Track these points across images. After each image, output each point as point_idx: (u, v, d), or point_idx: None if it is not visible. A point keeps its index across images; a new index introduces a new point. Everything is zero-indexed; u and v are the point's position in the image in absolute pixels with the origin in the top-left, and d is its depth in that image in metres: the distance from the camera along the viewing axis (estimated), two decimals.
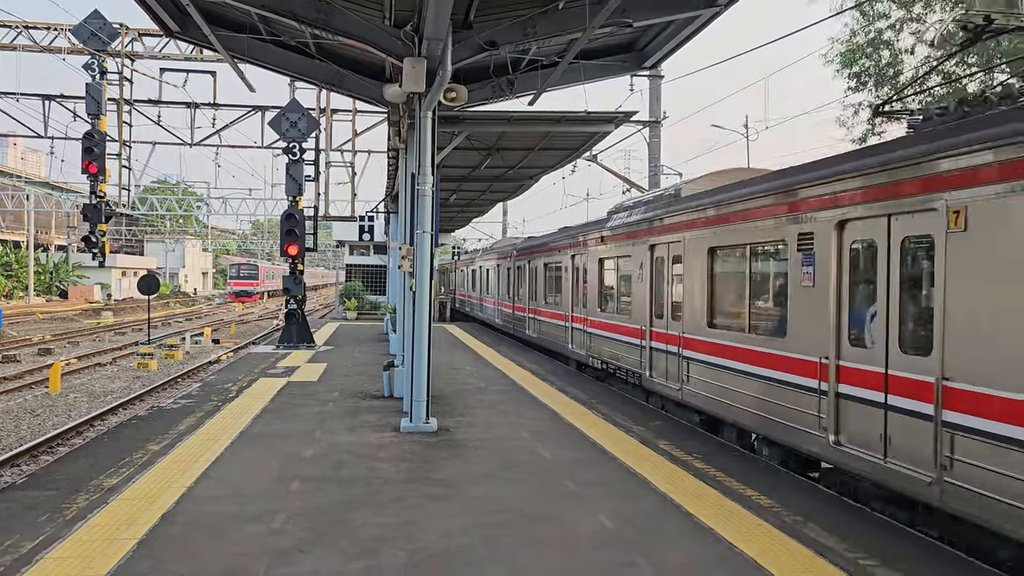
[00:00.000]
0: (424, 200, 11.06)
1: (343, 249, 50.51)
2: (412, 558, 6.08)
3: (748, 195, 10.12)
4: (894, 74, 28.45)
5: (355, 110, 29.41)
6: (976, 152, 6.34)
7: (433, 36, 9.73)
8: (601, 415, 12.30)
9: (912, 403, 7.00)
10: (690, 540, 6.61)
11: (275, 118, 23.64)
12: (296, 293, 23.46)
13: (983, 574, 6.14)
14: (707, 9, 11.07)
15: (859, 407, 7.76)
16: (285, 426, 11.17)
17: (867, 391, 7.65)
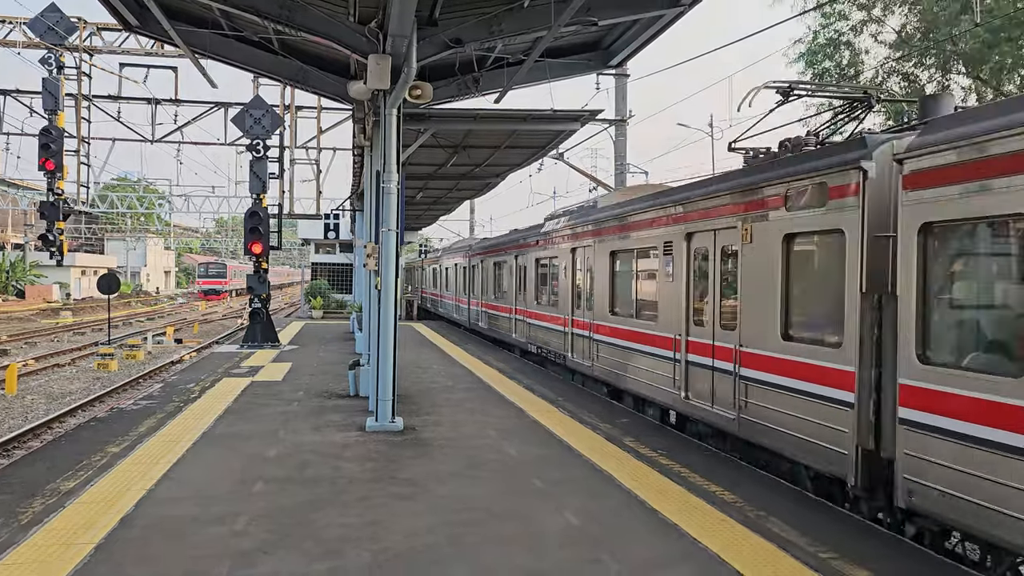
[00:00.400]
0: (389, 198, 11.00)
1: (309, 247, 50.08)
2: (377, 558, 6.04)
3: (635, 210, 12.92)
4: (855, 74, 28.88)
5: (320, 107, 29.19)
6: (758, 188, 9.18)
7: (398, 33, 9.67)
8: (567, 412, 12.33)
9: (725, 364, 9.87)
10: (655, 536, 6.65)
11: (238, 115, 23.34)
12: (260, 292, 23.19)
13: (942, 565, 6.26)
14: (671, 9, 11.14)
15: (698, 370, 10.61)
16: (248, 426, 11.04)
17: (703, 358, 10.49)
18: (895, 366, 6.89)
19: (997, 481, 5.77)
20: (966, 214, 6.19)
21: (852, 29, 28.77)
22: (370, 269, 11.75)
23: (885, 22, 28.51)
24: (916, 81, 28.40)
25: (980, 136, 6.05)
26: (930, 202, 6.50)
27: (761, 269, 9.02)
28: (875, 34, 28.80)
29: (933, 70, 27.99)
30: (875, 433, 7.25)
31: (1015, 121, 5.76)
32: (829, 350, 7.81)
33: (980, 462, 5.92)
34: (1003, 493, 5.71)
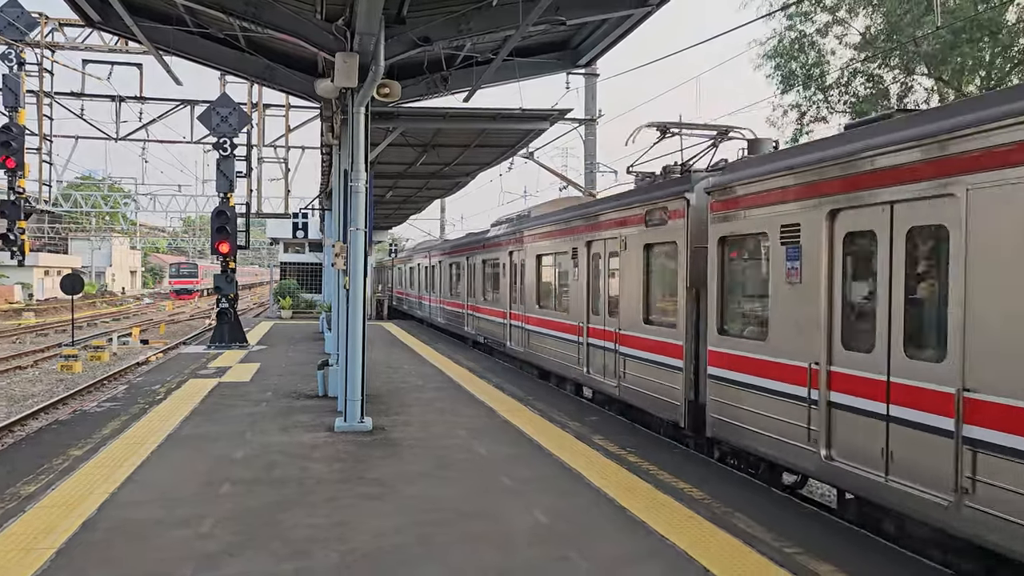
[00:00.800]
0: (357, 197, 10.93)
1: (278, 247, 49.65)
2: (344, 559, 6.01)
3: (552, 222, 15.74)
4: (820, 75, 29.24)
5: (288, 105, 28.94)
6: (629, 208, 11.96)
7: (365, 31, 9.61)
8: (537, 411, 12.35)
9: (609, 344, 12.51)
10: (623, 534, 6.68)
11: (205, 112, 23.07)
12: (228, 292, 22.93)
13: (902, 558, 6.36)
14: (639, 8, 11.18)
15: (596, 351, 13.15)
16: (215, 428, 10.92)
17: (597, 340, 13.09)
18: (705, 338, 9.62)
19: (751, 410, 8.56)
20: (738, 232, 8.97)
21: (818, 31, 29.14)
22: (338, 268, 11.67)
23: (850, 24, 28.91)
24: (880, 82, 28.86)
25: (737, 180, 8.98)
26: (723, 223, 9.23)
27: (632, 270, 11.79)
28: (840, 36, 29.20)
29: (897, 71, 28.45)
30: (695, 387, 10.08)
31: (754, 173, 8.66)
32: (670, 330, 10.62)
33: (744, 399, 8.69)
34: (750, 418, 8.60)
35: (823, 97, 29.63)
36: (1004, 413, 5.55)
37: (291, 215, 34.62)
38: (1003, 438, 5.50)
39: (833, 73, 29.07)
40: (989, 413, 5.62)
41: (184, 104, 29.69)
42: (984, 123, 5.76)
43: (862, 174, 6.96)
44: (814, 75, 29.32)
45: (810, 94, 29.79)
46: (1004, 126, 5.58)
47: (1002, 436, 5.50)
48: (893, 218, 6.65)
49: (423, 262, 32.44)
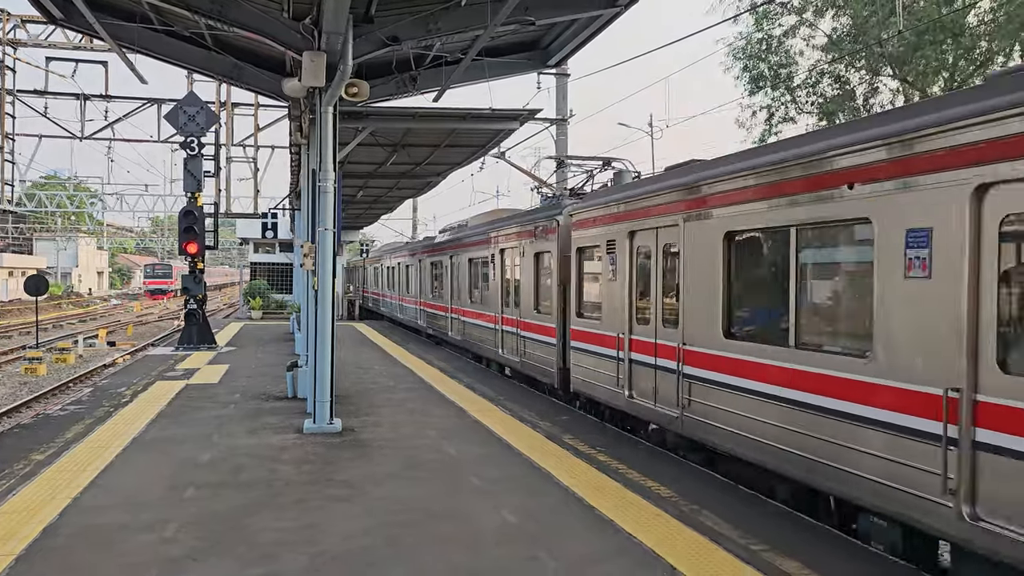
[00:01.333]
0: (326, 197, 10.86)
1: (248, 247, 49.19)
2: (313, 562, 5.97)
3: (478, 231, 19.37)
4: (788, 76, 29.55)
5: (257, 104, 28.70)
6: (525, 224, 15.51)
7: (333, 30, 9.55)
8: (508, 411, 12.36)
9: (513, 329, 16.18)
10: (591, 532, 6.71)
11: (172, 111, 22.79)
12: (196, 292, 22.67)
13: (868, 555, 6.45)
14: (608, 9, 11.22)
15: (507, 335, 16.62)
16: (182, 430, 10.79)
17: (508, 327, 16.60)
18: (568, 320, 13.15)
19: (593, 369, 11.95)
20: (586, 244, 12.35)
21: (785, 33, 29.45)
22: (307, 269, 11.60)
23: (817, 25, 29.25)
24: (847, 83, 29.24)
25: (583, 208, 12.56)
26: (579, 238, 12.67)
27: (527, 272, 15.23)
28: (807, 37, 29.54)
29: (863, 72, 28.84)
30: (563, 357, 13.46)
31: (592, 204, 12.23)
32: (548, 315, 14.08)
33: (588, 361, 12.09)
34: (593, 375, 11.96)
35: (791, 98, 29.98)
36: (526, 325, 15.29)
37: (260, 215, 34.35)
38: (701, 372, 9.01)
39: (801, 74, 29.40)
40: (694, 358, 9.15)
41: (151, 103, 29.34)
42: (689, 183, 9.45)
43: (645, 208, 10.41)
44: (782, 76, 29.64)
45: (778, 95, 30.12)
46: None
47: (700, 371, 9.00)
48: (658, 238, 10.12)
49: (389, 263, 34.75)
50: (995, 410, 5.34)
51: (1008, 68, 6.72)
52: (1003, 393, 5.31)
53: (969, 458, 5.48)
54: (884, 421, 6.25)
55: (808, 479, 7.20)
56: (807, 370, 7.16)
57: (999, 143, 5.32)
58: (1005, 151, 5.28)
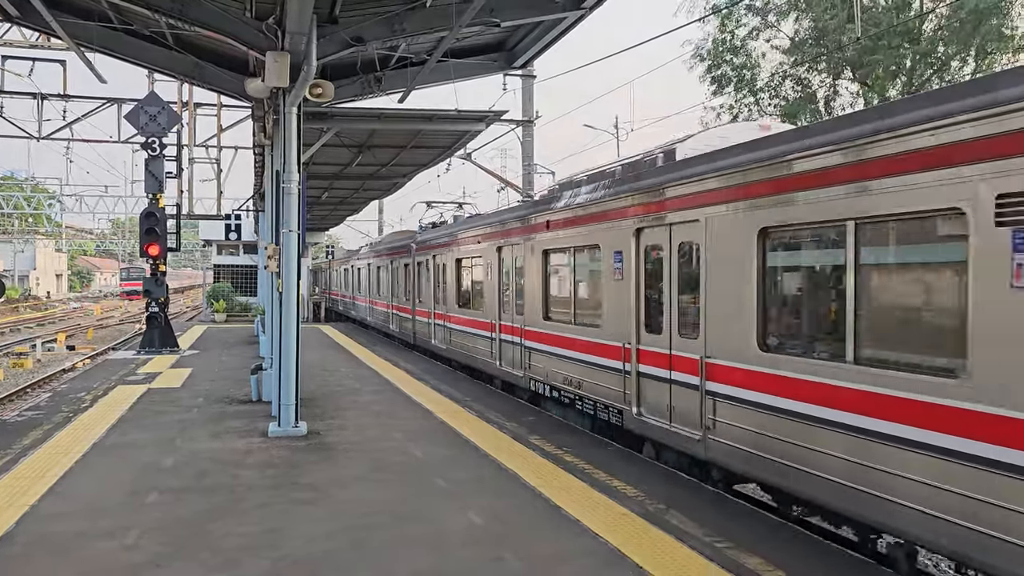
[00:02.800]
0: (290, 198, 10.77)
1: (211, 249, 48.56)
2: (275, 566, 5.91)
3: (394, 241, 25.78)
4: (751, 78, 29.89)
5: (220, 104, 28.29)
6: (460, 234, 18.01)
7: (296, 30, 9.48)
8: (475, 412, 12.35)
9: (440, 322, 19.32)
10: (557, 533, 6.73)
11: (132, 111, 22.40)
12: (158, 295, 22.33)
13: (828, 550, 6.56)
14: (573, 11, 11.27)
15: (439, 328, 19.49)
16: (144, 435, 10.63)
17: (438, 320, 19.56)
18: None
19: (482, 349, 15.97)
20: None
21: (748, 35, 29.80)
22: (271, 271, 11.49)
23: (779, 28, 29.64)
24: (808, 86, 29.67)
25: (418, 242, 20.91)
26: (424, 257, 19.87)
27: (435, 277, 19.20)
28: (770, 39, 29.93)
29: (824, 75, 29.29)
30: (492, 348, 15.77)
31: (425, 238, 20.29)
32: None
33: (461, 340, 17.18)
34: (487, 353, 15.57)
35: (754, 100, 30.34)
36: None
37: (224, 217, 33.91)
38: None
39: (764, 76, 29.78)
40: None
41: (111, 102, 28.73)
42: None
43: (506, 231, 14.23)
44: (745, 78, 29.99)
45: (741, 96, 30.47)
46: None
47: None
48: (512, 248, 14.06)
49: (344, 266, 36.91)
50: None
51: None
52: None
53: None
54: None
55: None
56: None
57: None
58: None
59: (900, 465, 5.75)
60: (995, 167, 5.05)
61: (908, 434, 5.71)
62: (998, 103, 5.06)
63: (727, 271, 7.88)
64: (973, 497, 5.19)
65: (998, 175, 5.03)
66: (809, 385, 6.70)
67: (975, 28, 24.76)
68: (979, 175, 5.16)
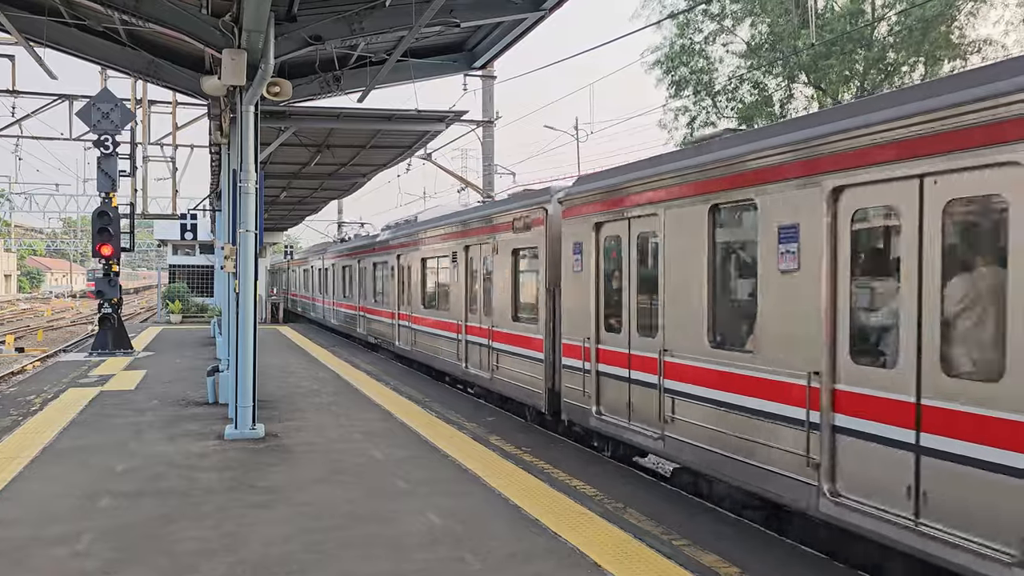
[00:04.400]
0: (247, 198, 10.64)
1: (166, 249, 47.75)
2: (232, 570, 5.84)
3: (355, 240, 26.96)
4: (708, 81, 30.27)
5: (176, 102, 27.84)
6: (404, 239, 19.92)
7: (254, 28, 9.37)
8: (435, 413, 12.32)
9: (388, 320, 20.72)
10: (517, 532, 6.75)
11: (84, 108, 21.90)
12: (111, 296, 21.88)
13: (782, 545, 6.68)
14: (532, 13, 11.32)
15: (387, 326, 20.77)
16: (97, 439, 10.42)
17: (383, 318, 21.41)
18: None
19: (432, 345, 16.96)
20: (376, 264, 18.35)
21: (706, 39, 30.18)
22: (228, 271, 11.34)
23: (735, 33, 30.06)
24: (765, 89, 30.14)
25: (334, 251, 29.67)
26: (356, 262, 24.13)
27: (386, 278, 21.21)
28: (726, 44, 30.34)
29: (780, 79, 29.78)
30: (405, 339, 18.78)
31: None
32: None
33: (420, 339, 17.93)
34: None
35: (712, 103, 30.73)
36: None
37: (179, 216, 33.37)
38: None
39: (721, 80, 30.16)
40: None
41: (62, 99, 28.10)
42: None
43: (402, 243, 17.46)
44: (703, 81, 30.36)
45: (699, 99, 30.84)
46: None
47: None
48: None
49: (297, 266, 37.77)
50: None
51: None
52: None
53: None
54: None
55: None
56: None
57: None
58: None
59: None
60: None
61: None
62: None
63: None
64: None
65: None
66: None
67: (924, 35, 25.38)
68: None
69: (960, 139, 5.12)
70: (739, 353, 7.23)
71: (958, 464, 5.12)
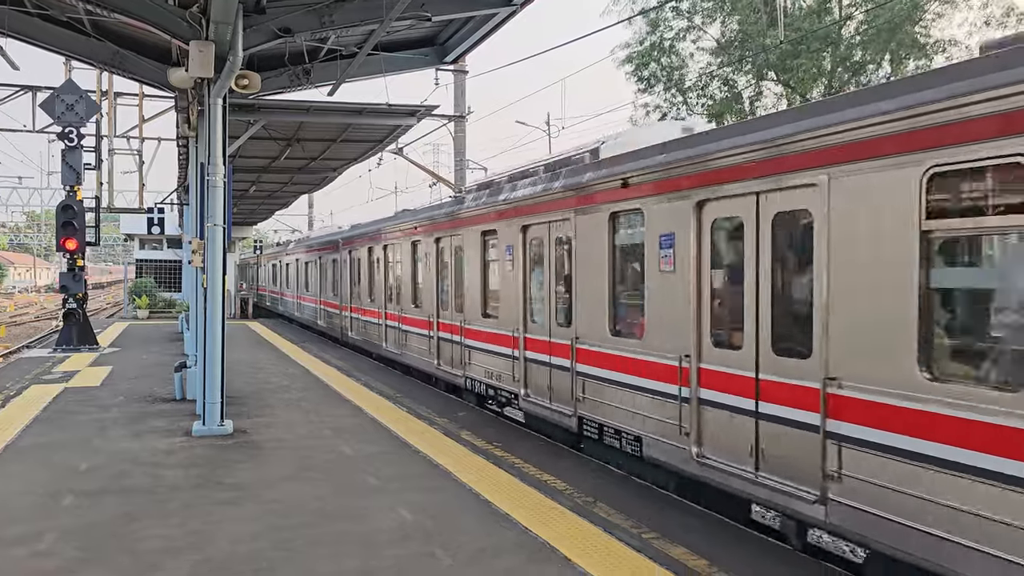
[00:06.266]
0: (215, 192, 10.50)
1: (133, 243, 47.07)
2: (197, 569, 5.77)
3: (325, 236, 27.11)
4: (679, 78, 30.42)
5: (142, 94, 27.43)
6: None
7: (221, 19, 9.25)
8: (406, 409, 12.27)
9: (335, 311, 24.12)
10: (488, 527, 6.74)
11: (48, 100, 21.52)
12: (76, 291, 21.53)
13: (749, 537, 6.74)
14: (504, 7, 11.28)
15: (337, 317, 23.78)
16: (60, 436, 10.24)
17: (333, 309, 24.20)
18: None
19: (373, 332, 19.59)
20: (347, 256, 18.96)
21: (676, 36, 30.32)
22: (196, 266, 11.20)
23: (705, 29, 30.24)
24: (734, 86, 30.35)
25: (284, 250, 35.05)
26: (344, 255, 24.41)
27: (341, 273, 22.73)
28: (696, 40, 30.52)
29: (749, 76, 30.01)
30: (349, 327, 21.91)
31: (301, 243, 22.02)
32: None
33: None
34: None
35: (683, 99, 30.89)
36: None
37: (146, 210, 32.90)
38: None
39: (691, 76, 30.33)
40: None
41: (25, 90, 27.55)
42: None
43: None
44: (673, 77, 30.51)
45: (670, 96, 31.00)
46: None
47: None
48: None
49: (286, 260, 35.48)
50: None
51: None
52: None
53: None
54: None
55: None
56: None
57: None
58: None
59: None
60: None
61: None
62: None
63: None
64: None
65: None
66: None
67: (891, 35, 25.71)
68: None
69: (782, 164, 6.56)
70: (633, 340, 8.57)
71: (781, 425, 6.58)
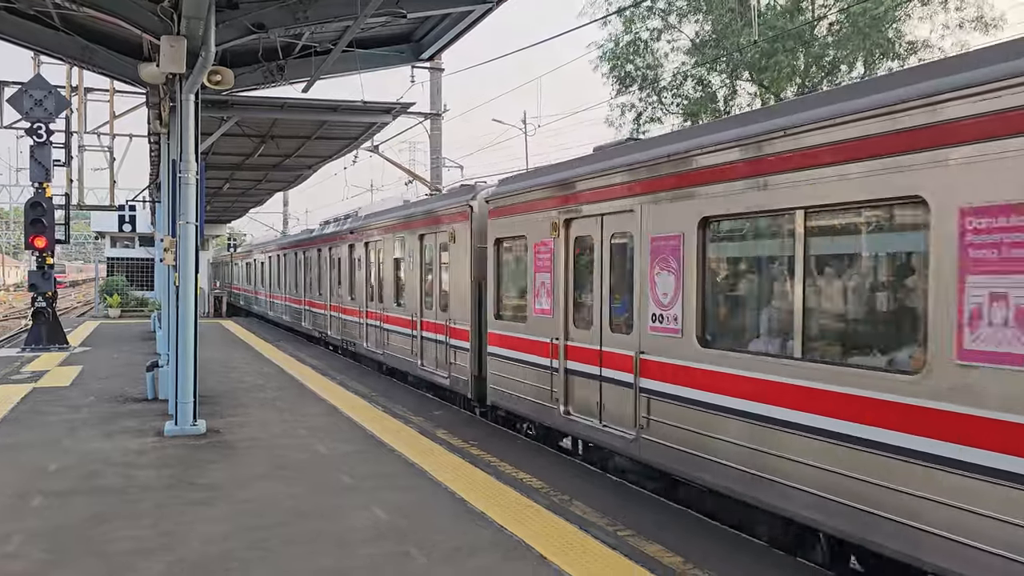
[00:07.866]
0: (187, 189, 10.37)
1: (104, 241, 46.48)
2: (170, 569, 5.69)
3: (301, 233, 28.76)
4: (654, 77, 30.55)
5: (113, 90, 27.03)
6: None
7: (193, 14, 9.14)
8: (381, 408, 12.21)
9: (309, 308, 24.96)
10: (463, 525, 6.73)
11: (16, 95, 21.11)
12: (45, 289, 21.18)
13: (724, 534, 6.78)
14: (480, 5, 11.26)
15: (312, 313, 24.42)
16: (28, 436, 10.07)
17: (307, 307, 25.08)
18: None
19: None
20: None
21: (651, 35, 30.45)
22: (168, 264, 11.06)
23: (680, 29, 30.39)
24: (709, 86, 30.54)
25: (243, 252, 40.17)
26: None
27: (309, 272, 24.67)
28: (671, 40, 30.66)
29: (724, 76, 30.21)
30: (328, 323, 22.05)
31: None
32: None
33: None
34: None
35: (658, 99, 31.03)
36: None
37: (117, 207, 32.46)
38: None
39: (666, 76, 30.47)
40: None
41: None
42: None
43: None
44: (648, 78, 30.63)
45: (645, 95, 31.12)
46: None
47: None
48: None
49: (261, 258, 35.46)
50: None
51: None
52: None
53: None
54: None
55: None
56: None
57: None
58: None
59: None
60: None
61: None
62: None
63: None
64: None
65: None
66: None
67: (865, 37, 25.99)
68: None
69: (613, 192, 8.60)
70: (521, 325, 10.76)
71: (612, 384, 8.64)
